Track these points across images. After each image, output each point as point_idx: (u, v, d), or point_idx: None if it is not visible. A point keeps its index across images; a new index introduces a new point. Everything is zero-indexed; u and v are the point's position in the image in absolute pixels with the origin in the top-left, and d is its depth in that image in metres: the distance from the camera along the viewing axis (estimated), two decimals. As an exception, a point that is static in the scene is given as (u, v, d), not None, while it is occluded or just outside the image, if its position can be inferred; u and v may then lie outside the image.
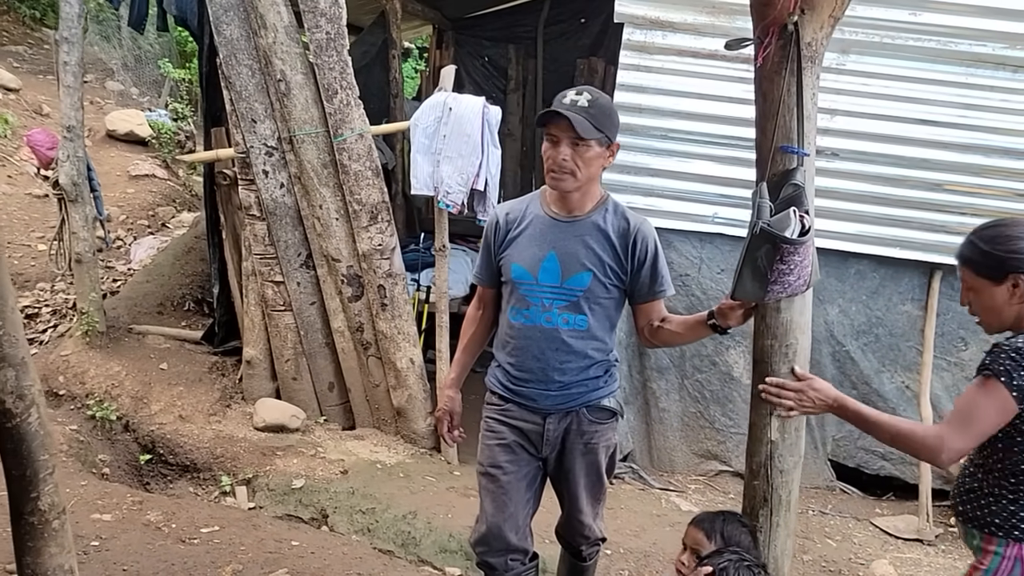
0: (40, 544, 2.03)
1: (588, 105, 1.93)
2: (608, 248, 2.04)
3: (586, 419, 2.16)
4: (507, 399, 2.19)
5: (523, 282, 2.09)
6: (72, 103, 3.96)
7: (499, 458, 2.19)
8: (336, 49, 3.63)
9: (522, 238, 2.11)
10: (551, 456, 2.20)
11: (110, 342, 4.40)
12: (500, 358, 2.20)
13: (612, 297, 2.09)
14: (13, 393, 1.94)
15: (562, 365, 2.09)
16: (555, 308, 2.06)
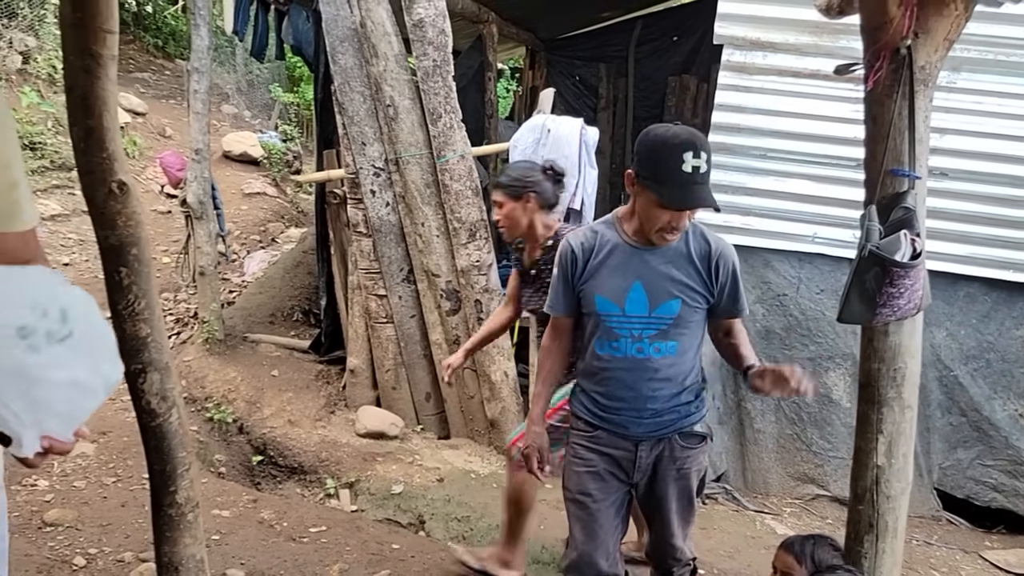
0: (176, 535, 2.22)
1: (708, 169, 1.89)
2: (692, 272, 2.02)
3: (678, 445, 2.12)
4: (596, 426, 2.13)
5: (610, 315, 2.04)
6: (200, 128, 4.28)
7: (588, 486, 2.16)
8: (441, 75, 3.80)
9: (604, 269, 2.05)
10: (642, 482, 2.16)
11: (227, 349, 4.70)
12: (586, 386, 2.16)
13: (698, 319, 2.07)
14: (158, 395, 2.13)
15: (654, 393, 2.06)
16: (645, 338, 2.02)
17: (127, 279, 2.00)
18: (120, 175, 1.96)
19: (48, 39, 7.74)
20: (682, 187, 1.85)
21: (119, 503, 3.20)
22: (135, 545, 2.93)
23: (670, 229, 1.94)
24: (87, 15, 1.87)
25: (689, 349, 2.08)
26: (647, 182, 1.91)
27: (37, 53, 7.54)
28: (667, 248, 2.01)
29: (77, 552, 2.82)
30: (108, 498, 3.22)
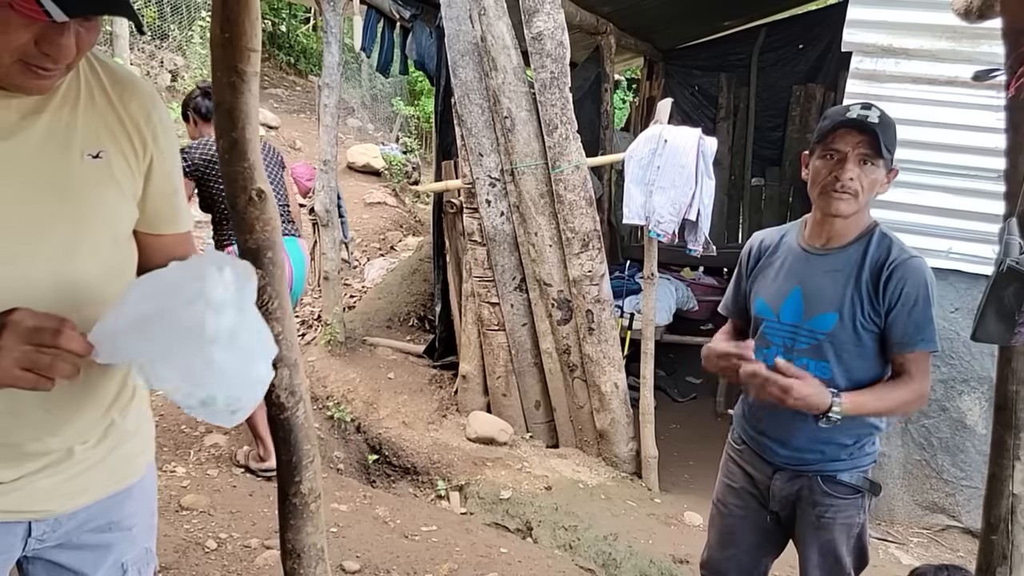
0: (300, 523, 2.34)
1: (879, 122, 1.72)
2: (860, 285, 1.80)
3: (819, 488, 1.91)
4: (744, 441, 2.06)
5: (765, 318, 1.92)
6: (329, 140, 4.51)
7: (727, 498, 2.12)
8: (559, 87, 3.85)
9: (770, 270, 1.95)
10: (782, 514, 2.00)
11: (347, 351, 4.91)
12: (743, 398, 2.08)
13: (865, 344, 1.82)
14: (287, 389, 2.26)
15: (799, 418, 1.83)
16: (796, 351, 1.86)
17: (263, 280, 2.13)
18: (259, 183, 2.10)
19: (194, 59, 8.36)
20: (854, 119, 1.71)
21: (247, 492, 3.40)
22: (260, 532, 3.11)
23: (837, 185, 1.74)
24: (234, 35, 2.02)
25: (848, 380, 1.83)
26: (814, 145, 1.80)
27: (184, 71, 8.16)
28: (841, 255, 1.83)
29: (209, 536, 3.02)
30: (237, 487, 3.44)
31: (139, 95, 1.21)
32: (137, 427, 1.32)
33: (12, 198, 1.06)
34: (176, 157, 1.30)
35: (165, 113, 1.26)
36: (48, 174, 1.09)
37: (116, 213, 1.18)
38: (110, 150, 1.15)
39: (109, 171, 1.15)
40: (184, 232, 1.33)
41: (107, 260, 1.17)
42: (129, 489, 1.30)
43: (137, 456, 1.33)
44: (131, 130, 1.18)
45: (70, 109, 1.12)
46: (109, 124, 1.16)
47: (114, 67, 1.22)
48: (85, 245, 1.12)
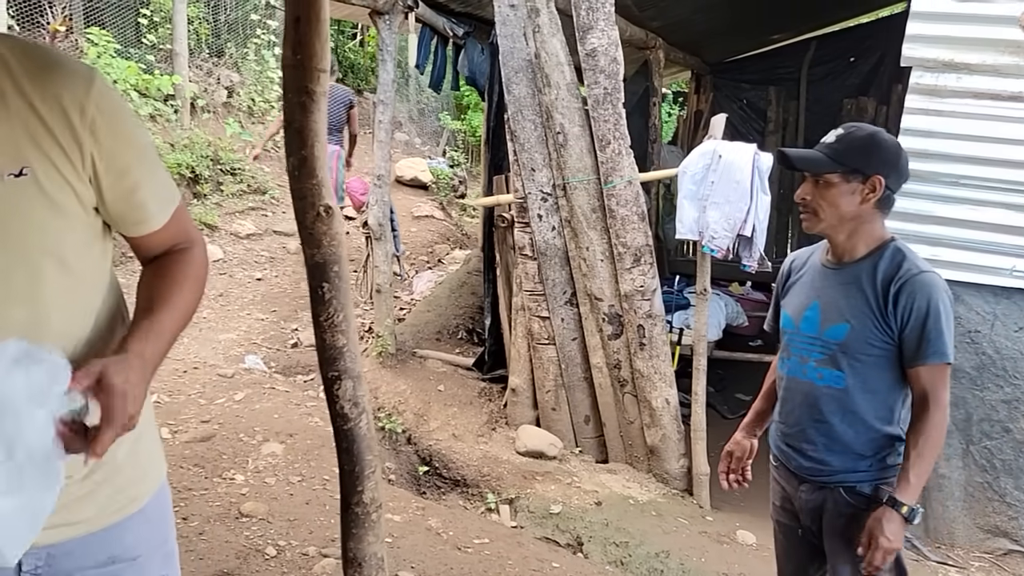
0: (361, 532, 2.38)
1: (834, 140, 1.85)
2: (871, 297, 1.84)
3: (842, 500, 1.92)
4: (776, 456, 2.10)
5: (787, 330, 2.03)
6: (383, 155, 4.59)
7: (775, 515, 2.16)
8: (612, 103, 3.87)
9: (796, 286, 2.05)
10: (813, 527, 2.00)
11: (398, 363, 4.98)
12: (776, 408, 2.13)
13: (879, 355, 1.84)
14: (350, 400, 2.31)
15: (816, 428, 1.92)
16: (812, 360, 1.93)
17: (328, 293, 2.19)
18: (326, 200, 2.16)
19: (249, 75, 8.58)
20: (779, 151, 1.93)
21: (304, 500, 3.46)
22: (318, 541, 3.16)
23: (802, 204, 1.92)
24: (305, 56, 2.08)
25: (862, 391, 1.87)
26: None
27: (240, 88, 8.38)
28: (854, 269, 1.89)
29: (268, 543, 3.08)
30: (294, 495, 3.50)
31: (69, 87, 1.02)
32: (132, 457, 1.20)
33: None
34: (135, 145, 1.12)
35: (108, 99, 1.07)
36: None
37: (52, 233, 1.03)
38: (35, 164, 1.00)
39: (37, 188, 1.00)
40: (157, 229, 1.18)
41: (55, 286, 1.05)
42: (128, 519, 1.20)
43: (134, 486, 1.21)
44: (60, 133, 1.01)
45: None
46: (31, 132, 1.00)
47: (37, 58, 1.03)
48: (20, 275, 1.01)
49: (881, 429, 1.89)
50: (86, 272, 1.11)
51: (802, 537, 2.07)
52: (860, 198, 1.84)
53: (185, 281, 1.19)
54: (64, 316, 1.07)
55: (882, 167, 1.83)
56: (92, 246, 1.11)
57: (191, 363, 4.79)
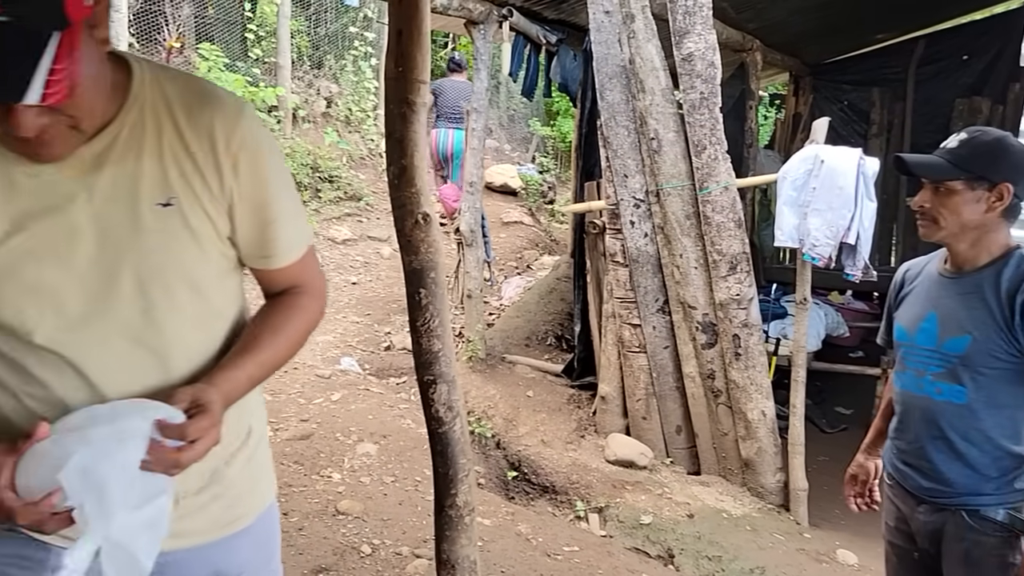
0: (455, 534, 2.42)
1: (957, 145, 1.76)
2: (993, 308, 1.74)
3: (964, 523, 1.80)
4: (891, 473, 2.00)
5: (902, 343, 1.94)
6: (475, 162, 4.66)
7: (887, 535, 2.06)
8: (708, 107, 3.80)
9: (911, 296, 1.96)
10: (931, 551, 1.90)
11: (487, 368, 5.02)
12: (890, 425, 2.04)
13: (1005, 369, 1.73)
14: (445, 404, 2.35)
15: (934, 445, 1.82)
16: (929, 374, 1.83)
17: (425, 299, 2.24)
18: (425, 207, 2.21)
19: (347, 86, 8.85)
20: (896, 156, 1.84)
21: (397, 501, 3.54)
22: (410, 541, 3.22)
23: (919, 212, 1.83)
24: (407, 68, 2.14)
25: (986, 406, 1.76)
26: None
27: (338, 98, 8.66)
28: (974, 278, 1.79)
29: (364, 541, 3.16)
30: (388, 495, 3.58)
31: (218, 119, 1.07)
32: (246, 472, 1.24)
33: (83, 260, 1.01)
34: (275, 182, 1.14)
35: (254, 134, 1.11)
36: (117, 231, 1.02)
37: (190, 261, 1.08)
38: (181, 195, 1.05)
39: (181, 217, 1.05)
40: (283, 268, 1.20)
41: (189, 312, 1.09)
42: (235, 536, 1.22)
43: (243, 503, 1.23)
44: (204, 165, 1.06)
45: (135, 156, 1.03)
46: (179, 164, 1.05)
47: (191, 91, 1.09)
48: (158, 298, 1.06)
49: (1008, 448, 1.77)
50: (219, 301, 1.15)
51: (918, 561, 1.96)
52: (985, 206, 1.75)
53: (288, 329, 1.19)
54: (195, 341, 1.11)
55: (1010, 174, 1.73)
56: (226, 277, 1.15)
57: (292, 363, 4.97)
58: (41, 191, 1.00)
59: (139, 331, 1.05)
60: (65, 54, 0.85)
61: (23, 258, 1.00)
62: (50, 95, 0.85)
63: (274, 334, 1.17)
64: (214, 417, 1.00)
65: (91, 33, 0.92)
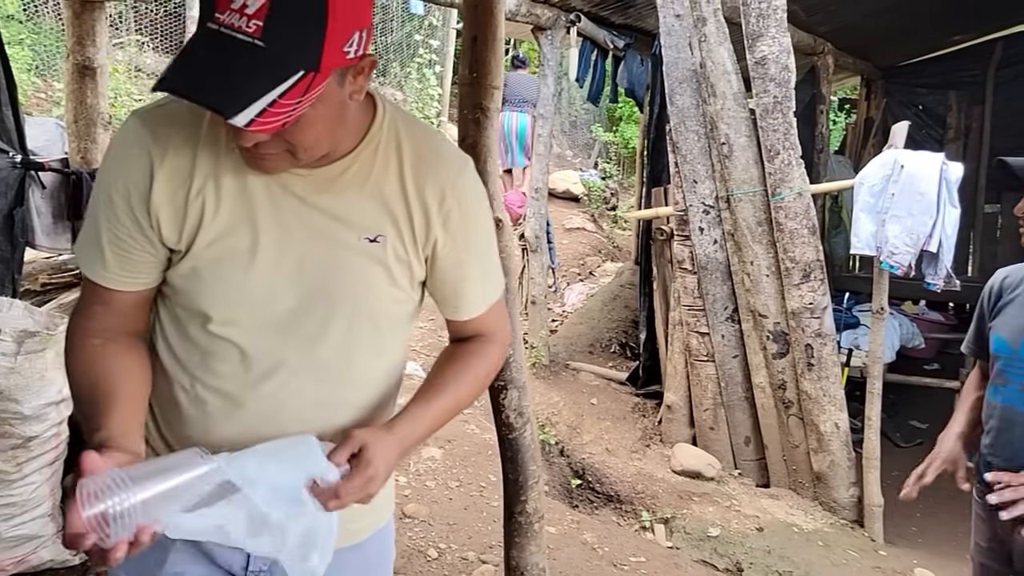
0: (524, 541, 2.40)
1: None
2: None
3: None
4: (982, 491, 1.90)
5: (1001, 355, 1.86)
6: (541, 168, 4.65)
7: (979, 557, 1.97)
8: (782, 112, 3.72)
9: (1011, 306, 1.88)
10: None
11: (551, 375, 5.00)
12: (982, 440, 1.96)
13: None
14: (515, 410, 2.35)
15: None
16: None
17: (497, 305, 2.23)
18: (497, 213, 2.21)
19: (411, 93, 8.96)
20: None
21: (462, 506, 3.54)
22: (476, 547, 3.22)
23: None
24: (481, 74, 2.15)
25: None
26: None
27: (403, 106, 8.77)
28: None
29: (430, 544, 3.17)
30: (453, 500, 3.59)
31: (439, 174, 1.11)
32: None
33: (286, 270, 1.06)
34: (478, 241, 1.17)
35: (470, 192, 1.14)
36: (321, 252, 1.07)
37: (379, 298, 1.12)
38: (389, 235, 1.09)
39: (383, 255, 1.09)
40: (471, 319, 1.22)
41: (363, 342, 1.12)
42: (346, 551, 1.20)
43: (356, 521, 1.22)
44: (416, 213, 1.10)
45: (357, 188, 1.08)
46: (393, 207, 1.09)
47: (423, 140, 1.13)
48: (339, 326, 1.10)
49: None
50: (392, 341, 1.18)
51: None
52: None
53: (470, 377, 1.20)
54: (362, 370, 1.15)
55: None
56: (406, 320, 1.19)
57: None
58: (269, 198, 1.05)
59: (310, 347, 1.09)
60: (298, 93, 0.87)
61: (235, 254, 1.05)
62: (260, 123, 0.86)
63: (457, 382, 1.18)
64: (370, 474, 1.01)
65: (343, 80, 0.94)
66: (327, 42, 0.87)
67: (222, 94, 0.84)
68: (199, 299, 1.07)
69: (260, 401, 1.10)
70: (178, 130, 1.04)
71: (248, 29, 0.83)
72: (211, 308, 1.07)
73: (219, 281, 1.06)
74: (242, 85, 0.85)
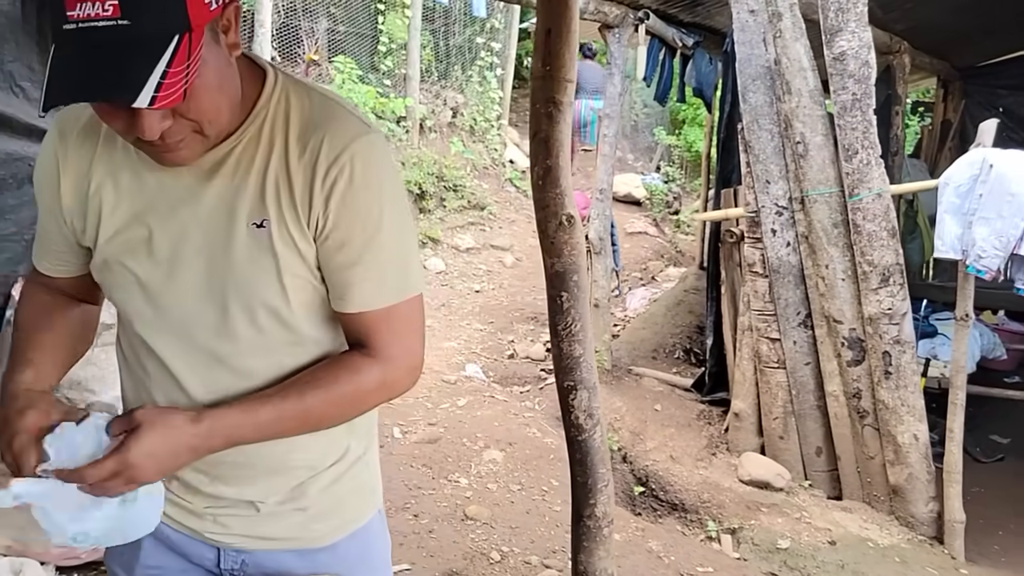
0: (592, 546, 2.34)
1: None
2: None
3: None
4: None
5: None
6: (606, 169, 4.59)
7: None
8: (861, 109, 3.58)
9: None
10: None
11: (613, 380, 4.92)
12: None
13: None
14: (585, 411, 2.28)
15: None
16: None
17: (567, 303, 2.18)
18: (569, 209, 2.16)
19: (472, 96, 8.98)
20: None
21: (524, 509, 3.50)
22: (539, 550, 3.17)
23: None
24: (554, 67, 2.10)
25: None
26: None
27: (463, 109, 8.80)
28: None
29: (492, 547, 3.13)
30: (515, 503, 3.55)
31: (326, 144, 1.00)
32: (330, 492, 1.18)
33: (183, 265, 1.03)
34: (369, 222, 1.03)
35: (361, 167, 1.01)
36: (214, 242, 1.02)
37: (268, 286, 1.03)
38: (273, 218, 1.01)
39: (269, 241, 1.01)
40: (353, 314, 1.06)
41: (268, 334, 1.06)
42: (321, 551, 1.19)
43: (325, 521, 1.19)
44: (297, 189, 1.01)
45: (243, 172, 1.01)
46: (277, 186, 1.01)
47: (315, 109, 1.03)
48: (237, 316, 1.04)
49: None
50: (310, 330, 1.08)
51: None
52: None
53: (329, 388, 1.06)
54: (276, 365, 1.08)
55: None
56: (318, 307, 1.08)
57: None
58: (162, 192, 1.03)
59: (217, 344, 1.05)
60: (183, 58, 0.83)
61: (134, 249, 1.04)
62: (162, 98, 0.82)
63: (312, 387, 1.05)
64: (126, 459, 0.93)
65: (216, 37, 0.91)
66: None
67: (112, 85, 0.82)
68: (113, 293, 1.09)
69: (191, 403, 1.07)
70: (81, 130, 1.06)
71: (106, 12, 0.80)
72: (124, 304, 1.08)
73: (125, 275, 1.05)
74: (126, 68, 0.81)
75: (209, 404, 1.05)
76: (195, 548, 1.17)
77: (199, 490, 1.13)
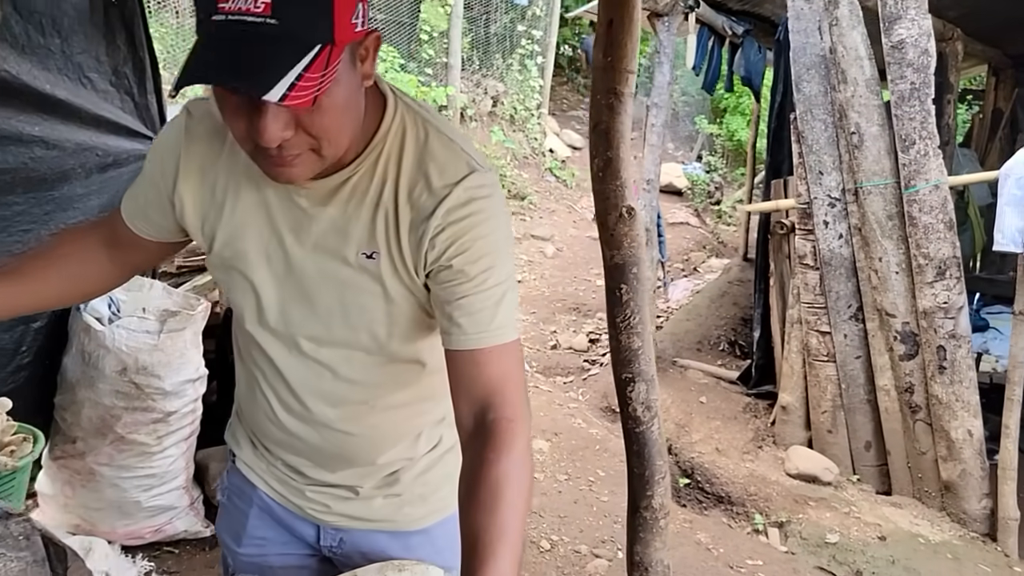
0: (649, 537, 2.34)
1: None
2: None
3: None
4: None
5: None
6: (653, 159, 4.56)
7: None
8: (919, 99, 3.51)
9: None
10: None
11: (658, 371, 4.89)
12: None
13: None
14: (643, 403, 2.28)
15: None
16: None
17: (626, 295, 2.17)
18: (629, 200, 2.15)
19: (512, 85, 8.97)
20: None
21: (572, 499, 3.51)
22: (588, 540, 3.19)
23: None
24: (616, 58, 2.09)
25: None
26: None
27: (504, 98, 8.79)
28: None
29: (542, 536, 3.16)
30: (562, 493, 3.56)
31: (437, 184, 1.01)
32: (422, 480, 1.24)
33: (292, 285, 1.08)
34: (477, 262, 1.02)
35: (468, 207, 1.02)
36: (323, 268, 1.06)
37: (376, 313, 1.07)
38: (382, 251, 1.04)
39: (378, 272, 1.04)
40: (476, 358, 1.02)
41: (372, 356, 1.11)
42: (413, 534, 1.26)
43: (416, 507, 1.25)
44: (406, 228, 1.03)
45: (356, 203, 1.04)
46: (387, 220, 1.03)
47: (428, 144, 1.04)
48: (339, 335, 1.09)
49: None
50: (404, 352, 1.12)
51: None
52: None
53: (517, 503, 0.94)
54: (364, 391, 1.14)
55: None
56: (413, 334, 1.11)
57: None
58: (279, 210, 1.07)
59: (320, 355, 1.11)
60: (320, 66, 0.85)
61: (251, 259, 1.09)
62: (292, 98, 0.83)
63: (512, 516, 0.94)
64: None
65: (354, 61, 0.92)
66: (336, 13, 0.85)
67: (249, 75, 0.83)
68: (230, 293, 1.14)
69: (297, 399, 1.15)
70: (212, 126, 1.08)
71: (257, 9, 0.82)
72: (238, 305, 1.13)
73: (241, 280, 1.10)
74: (267, 63, 0.83)
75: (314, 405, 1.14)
76: (298, 524, 1.25)
77: (303, 473, 1.21)
